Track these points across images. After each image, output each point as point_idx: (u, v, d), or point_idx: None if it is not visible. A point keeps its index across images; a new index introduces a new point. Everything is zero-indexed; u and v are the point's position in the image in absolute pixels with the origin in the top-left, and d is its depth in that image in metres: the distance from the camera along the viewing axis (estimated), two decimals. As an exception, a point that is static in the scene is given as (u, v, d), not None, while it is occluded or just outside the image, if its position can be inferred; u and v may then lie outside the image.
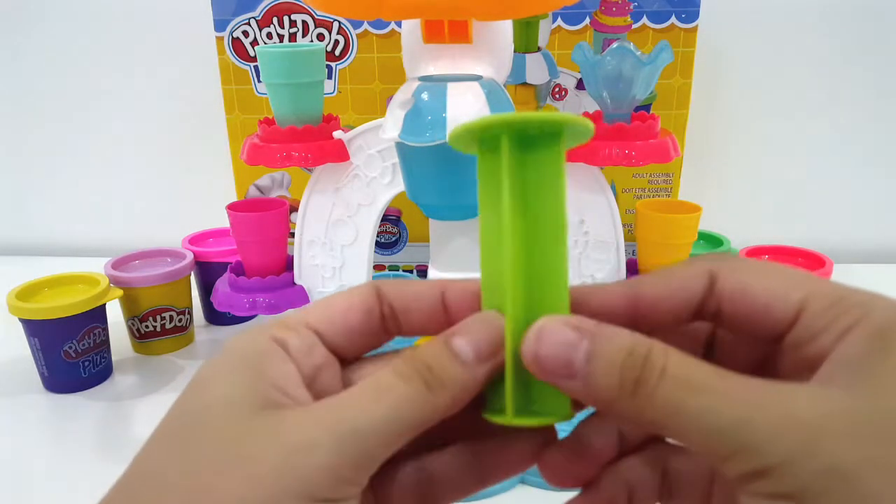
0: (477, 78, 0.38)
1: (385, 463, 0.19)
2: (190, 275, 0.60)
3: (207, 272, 0.62)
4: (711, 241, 0.63)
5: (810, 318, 0.18)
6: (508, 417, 0.19)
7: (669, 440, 0.21)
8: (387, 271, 0.70)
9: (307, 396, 0.19)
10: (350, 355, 0.21)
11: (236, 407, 0.18)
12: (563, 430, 0.20)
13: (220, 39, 0.63)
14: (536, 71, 0.63)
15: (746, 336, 0.20)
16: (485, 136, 0.19)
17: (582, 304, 0.20)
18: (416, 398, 0.18)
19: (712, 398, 0.16)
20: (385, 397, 0.18)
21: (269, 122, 0.48)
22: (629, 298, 0.20)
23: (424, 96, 0.37)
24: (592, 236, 0.48)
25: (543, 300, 0.19)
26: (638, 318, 0.19)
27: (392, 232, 0.69)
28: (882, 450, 0.15)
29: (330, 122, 0.49)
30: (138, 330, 0.58)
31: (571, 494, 0.21)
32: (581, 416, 0.20)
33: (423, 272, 0.70)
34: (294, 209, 0.52)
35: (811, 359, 0.18)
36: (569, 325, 0.18)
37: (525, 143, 0.18)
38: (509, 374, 0.19)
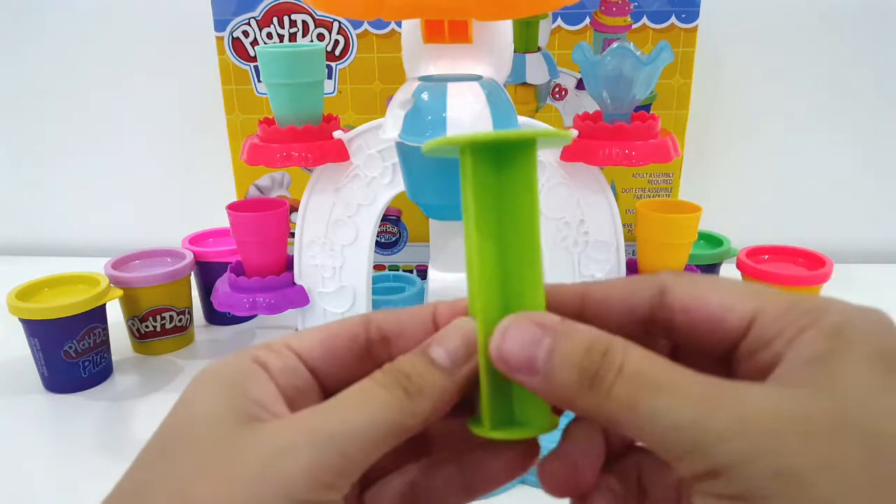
0: (477, 78, 0.38)
1: (374, 475, 0.19)
2: (190, 275, 0.60)
3: (207, 272, 0.62)
4: (711, 241, 0.63)
5: (763, 327, 0.18)
6: (486, 430, 0.19)
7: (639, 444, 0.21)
8: (387, 271, 0.70)
9: (287, 413, 0.19)
10: (334, 383, 0.21)
11: (218, 420, 0.18)
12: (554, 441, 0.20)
13: (220, 39, 0.63)
14: (536, 71, 0.63)
15: (700, 349, 0.19)
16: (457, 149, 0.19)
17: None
18: (395, 405, 0.18)
19: (667, 396, 0.16)
20: (364, 405, 0.18)
21: (269, 122, 0.48)
22: (579, 298, 0.20)
23: (424, 96, 0.37)
24: (592, 236, 0.48)
25: (519, 304, 0.19)
26: (585, 320, 0.19)
27: (392, 232, 0.69)
28: (835, 452, 0.15)
29: (330, 122, 0.49)
30: (138, 330, 0.58)
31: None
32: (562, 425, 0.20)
33: (423, 272, 0.70)
34: (294, 209, 0.52)
35: (765, 365, 0.17)
36: (533, 322, 0.18)
37: (496, 153, 0.19)
38: (484, 381, 0.19)
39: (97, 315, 0.53)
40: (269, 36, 0.63)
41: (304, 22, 0.62)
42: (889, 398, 0.15)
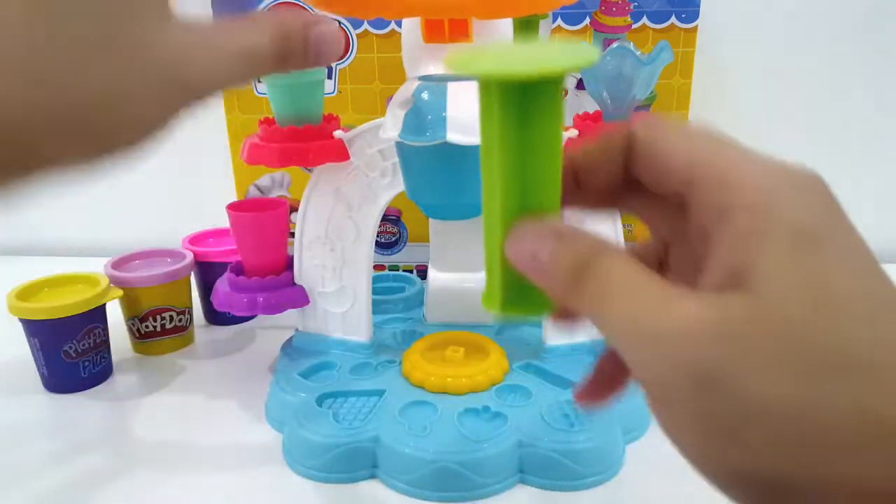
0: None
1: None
2: (190, 275, 0.60)
3: (207, 272, 0.62)
4: (711, 240, 0.64)
5: (698, 195, 0.19)
6: (497, 306, 0.22)
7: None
8: (387, 271, 0.70)
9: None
10: None
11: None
12: None
13: (220, 39, 0.63)
14: (536, 71, 0.63)
15: (665, 200, 0.21)
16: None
17: None
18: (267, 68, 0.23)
19: (618, 304, 0.18)
20: (253, 62, 0.23)
21: (269, 121, 0.48)
22: (569, 163, 0.22)
23: (425, 96, 0.37)
24: (592, 236, 0.48)
25: (538, 212, 0.21)
26: (582, 184, 0.22)
27: (392, 232, 0.69)
28: (748, 346, 0.16)
29: (330, 121, 0.49)
30: (138, 330, 0.58)
31: (570, 496, 0.21)
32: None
33: (423, 272, 0.70)
34: (294, 209, 0.52)
35: (704, 234, 0.19)
36: (546, 227, 0.20)
37: (522, 87, 0.19)
38: (499, 270, 0.21)
39: (97, 315, 0.53)
40: (269, 36, 0.63)
41: (304, 22, 0.62)
42: (797, 279, 0.16)
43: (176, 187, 0.84)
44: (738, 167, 0.18)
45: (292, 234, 0.52)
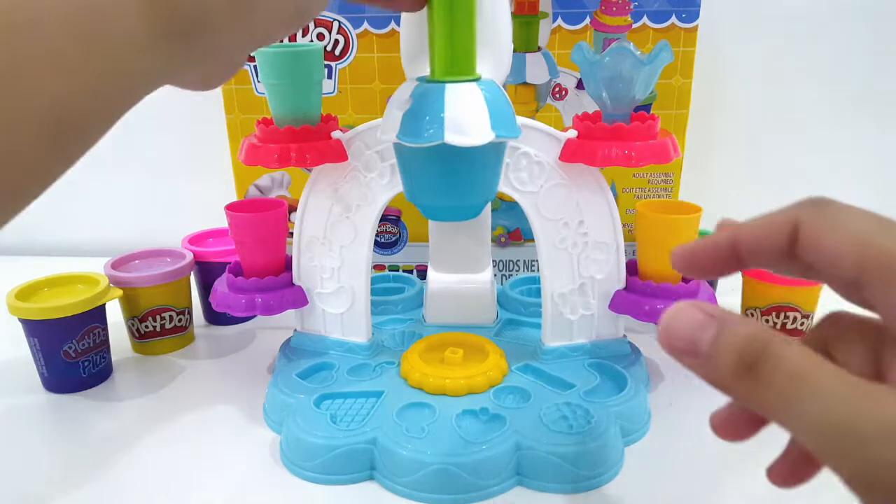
0: (476, 78, 0.38)
1: None
2: (190, 275, 0.60)
3: (207, 272, 0.62)
4: (712, 241, 0.63)
5: (869, 283, 0.18)
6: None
7: None
8: (387, 271, 0.70)
9: None
10: None
11: None
12: None
13: (219, 39, 0.62)
14: (536, 71, 0.63)
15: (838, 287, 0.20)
16: None
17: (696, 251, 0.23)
18: None
19: (819, 396, 0.17)
20: None
21: (267, 122, 0.48)
22: (731, 242, 0.22)
23: (423, 97, 0.37)
24: (592, 237, 0.47)
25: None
26: (740, 260, 0.22)
27: (392, 232, 0.69)
28: None
29: (329, 122, 0.48)
30: (138, 330, 0.58)
31: (569, 498, 0.21)
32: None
33: (422, 272, 0.70)
34: (293, 209, 0.51)
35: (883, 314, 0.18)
36: (702, 310, 0.20)
37: None
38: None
39: (97, 315, 0.53)
40: (269, 36, 0.63)
41: (303, 22, 0.62)
42: None
43: (176, 187, 0.84)
44: None
45: (291, 234, 0.52)
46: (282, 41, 0.57)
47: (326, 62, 0.62)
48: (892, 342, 0.19)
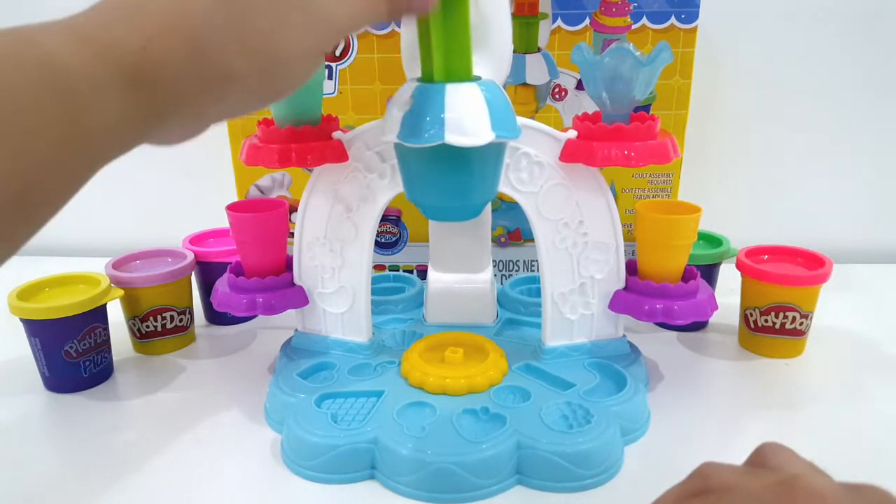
0: (476, 79, 0.38)
1: None
2: (191, 275, 0.60)
3: (208, 272, 0.62)
4: (711, 241, 0.63)
5: None
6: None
7: None
8: (387, 271, 0.70)
9: None
10: None
11: None
12: None
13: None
14: (536, 71, 0.63)
15: None
16: None
17: None
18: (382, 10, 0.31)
19: None
20: (373, 3, 0.31)
21: (267, 122, 0.48)
22: None
23: (423, 97, 0.37)
24: (592, 237, 0.48)
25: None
26: None
27: (392, 232, 0.69)
28: None
29: (329, 122, 0.49)
30: (139, 330, 0.58)
31: (569, 497, 0.21)
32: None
33: (423, 272, 0.70)
34: (294, 209, 0.52)
35: None
36: None
37: None
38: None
39: (98, 315, 0.53)
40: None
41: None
42: None
43: (176, 187, 0.84)
44: None
45: (292, 235, 0.52)
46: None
47: (327, 63, 0.62)
48: None
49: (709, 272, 0.60)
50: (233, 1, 0.26)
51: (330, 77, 0.63)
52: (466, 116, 0.36)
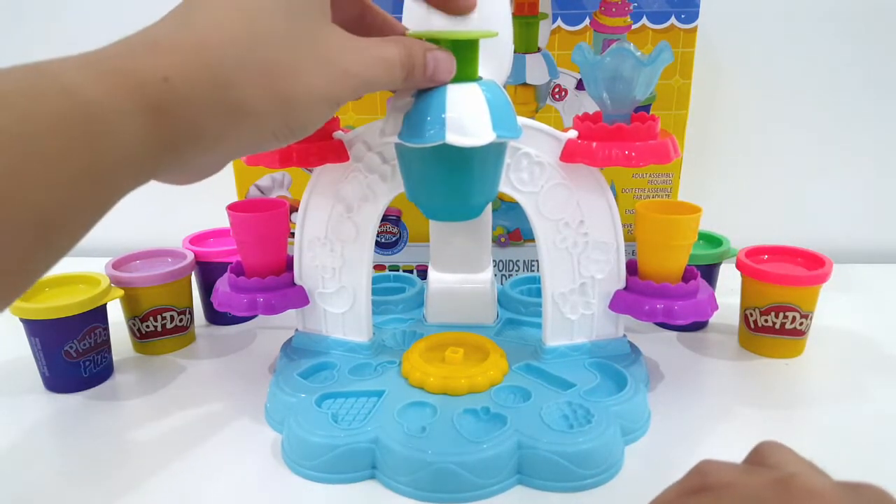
0: (477, 79, 0.38)
1: None
2: (191, 275, 0.60)
3: (208, 272, 0.62)
4: (711, 241, 0.63)
5: None
6: None
7: None
8: (387, 271, 0.70)
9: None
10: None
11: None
12: None
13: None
14: (536, 71, 0.63)
15: None
16: None
17: None
18: (396, 74, 0.32)
19: None
20: (388, 68, 0.31)
21: (269, 122, 0.48)
22: None
23: (424, 97, 0.37)
24: (592, 237, 0.48)
25: None
26: None
27: (392, 232, 0.69)
28: None
29: (330, 122, 0.49)
30: (139, 330, 0.58)
31: (569, 497, 0.21)
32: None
33: (423, 272, 0.70)
34: (294, 209, 0.52)
35: None
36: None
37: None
38: None
39: (98, 315, 0.53)
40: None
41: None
42: None
43: (176, 187, 0.84)
44: None
45: (292, 235, 0.52)
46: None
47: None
48: None
49: (709, 272, 0.60)
50: (254, 38, 0.26)
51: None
52: (467, 116, 0.36)
